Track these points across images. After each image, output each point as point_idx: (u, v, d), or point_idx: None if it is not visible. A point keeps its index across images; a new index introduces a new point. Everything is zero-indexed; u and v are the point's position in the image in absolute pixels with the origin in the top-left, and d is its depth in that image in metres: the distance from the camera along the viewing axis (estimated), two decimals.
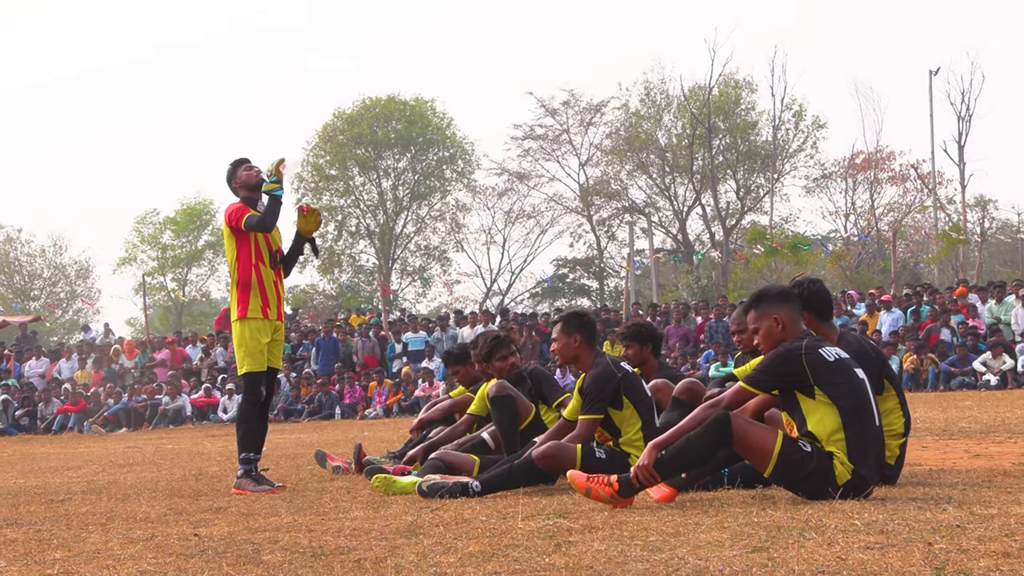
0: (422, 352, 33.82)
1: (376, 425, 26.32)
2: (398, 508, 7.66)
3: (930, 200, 55.39)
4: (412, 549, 5.66)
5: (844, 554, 4.89)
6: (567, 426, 8.85)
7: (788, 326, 7.27)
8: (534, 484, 8.61)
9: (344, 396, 32.55)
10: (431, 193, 66.05)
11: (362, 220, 65.88)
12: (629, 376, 8.72)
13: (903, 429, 8.07)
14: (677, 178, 62.10)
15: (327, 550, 5.75)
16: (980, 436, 12.77)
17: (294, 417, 32.22)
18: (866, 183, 60.68)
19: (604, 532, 5.93)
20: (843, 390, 6.98)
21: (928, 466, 9.41)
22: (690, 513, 6.55)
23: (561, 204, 64.69)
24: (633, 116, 61.86)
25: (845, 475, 6.84)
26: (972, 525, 5.56)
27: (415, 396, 30.78)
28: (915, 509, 6.24)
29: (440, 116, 66.13)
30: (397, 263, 66.35)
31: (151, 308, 61.03)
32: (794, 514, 6.19)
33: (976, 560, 4.67)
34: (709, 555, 5.04)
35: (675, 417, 8.25)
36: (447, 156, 65.99)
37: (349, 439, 18.17)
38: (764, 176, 61.09)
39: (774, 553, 5.01)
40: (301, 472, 11.98)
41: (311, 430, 25.51)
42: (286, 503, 8.51)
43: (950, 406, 19.76)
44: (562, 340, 8.93)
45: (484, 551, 5.47)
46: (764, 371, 7.16)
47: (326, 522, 7.00)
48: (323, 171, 64.69)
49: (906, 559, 4.74)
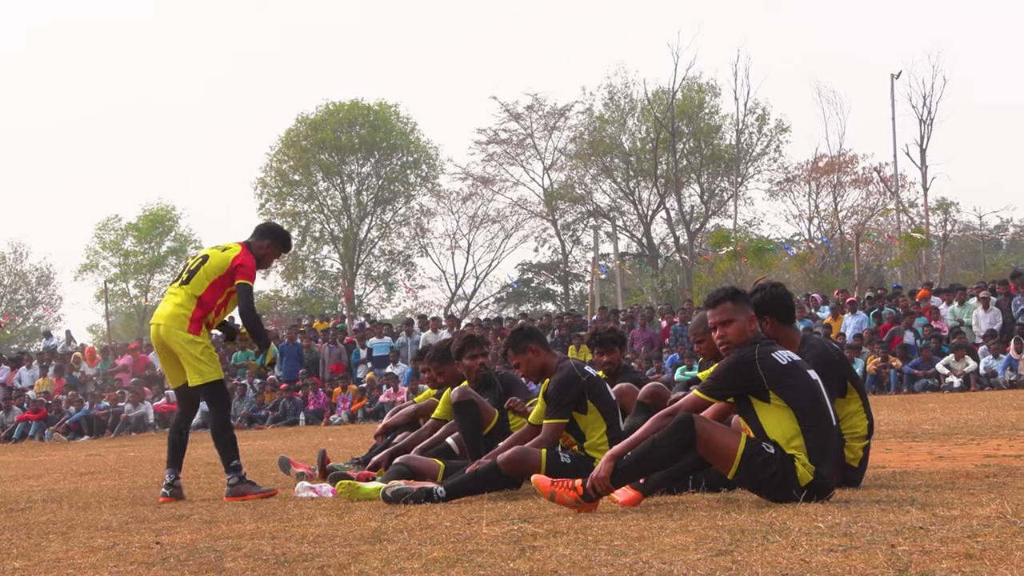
0: (387, 357, 33.75)
1: (340, 431, 26.26)
2: (362, 514, 7.64)
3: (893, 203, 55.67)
4: (376, 555, 5.64)
5: (808, 557, 4.91)
6: (532, 431, 8.85)
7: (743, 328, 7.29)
8: (499, 489, 8.60)
9: (308, 402, 32.44)
10: (395, 198, 65.96)
11: (326, 225, 65.75)
12: (593, 380, 8.74)
13: (867, 431, 8.09)
14: (641, 182, 62.23)
15: (290, 557, 5.73)
16: (943, 438, 12.83)
17: (258, 423, 32.08)
18: (829, 186, 60.91)
19: (569, 537, 5.93)
20: (797, 392, 7.00)
21: (891, 468, 9.45)
22: (655, 517, 6.55)
23: (526, 208, 64.75)
24: (597, 120, 61.94)
25: (807, 476, 6.86)
26: (935, 527, 5.58)
27: (380, 402, 30.70)
28: (878, 511, 6.26)
29: (404, 121, 66.07)
30: (361, 268, 66.22)
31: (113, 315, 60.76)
32: (758, 517, 6.21)
33: (939, 562, 4.69)
34: (674, 559, 5.04)
35: (639, 421, 8.25)
36: (411, 161, 65.92)
37: (313, 445, 18.12)
38: (728, 180, 61.27)
39: (738, 556, 5.02)
40: (265, 479, 11.93)
41: (275, 436, 25.42)
42: (249, 510, 8.48)
43: (913, 408, 19.85)
44: (520, 359, 8.96)
45: (448, 557, 5.47)
46: (718, 379, 7.17)
47: (290, 529, 6.98)
48: (287, 176, 64.55)
49: (869, 561, 4.76)
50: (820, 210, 61.50)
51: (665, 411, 7.31)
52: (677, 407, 7.25)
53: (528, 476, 7.84)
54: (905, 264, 51.42)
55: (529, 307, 66.66)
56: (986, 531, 5.42)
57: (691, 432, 6.86)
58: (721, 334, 7.30)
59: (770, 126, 60.72)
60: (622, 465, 7.00)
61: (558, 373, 8.73)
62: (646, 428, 7.15)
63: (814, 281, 50.16)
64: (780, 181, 61.61)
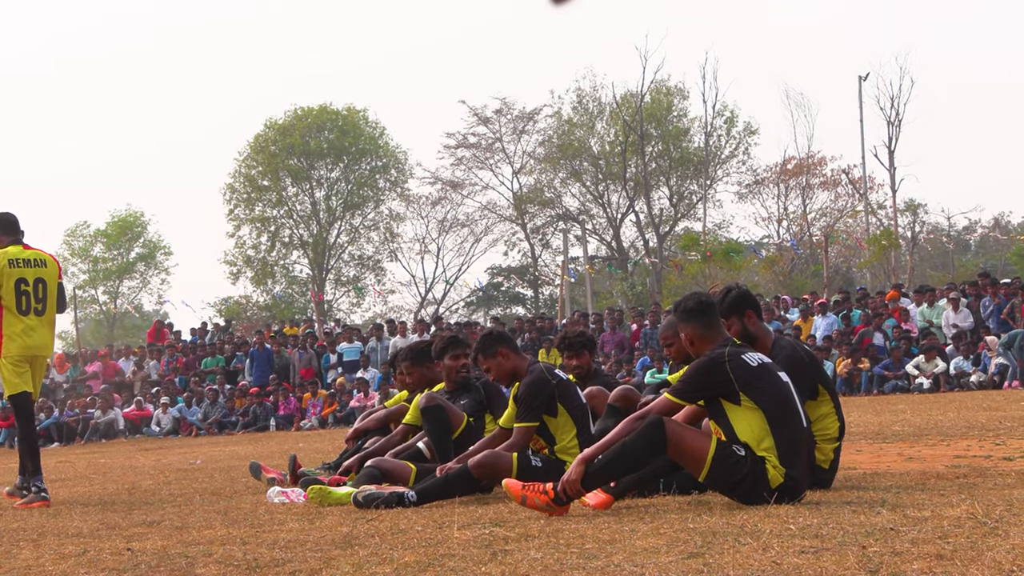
0: (357, 362, 33.69)
1: (311, 436, 26.19)
2: (333, 519, 7.63)
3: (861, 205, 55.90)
4: (347, 560, 5.63)
5: (779, 559, 4.92)
6: (502, 434, 8.85)
7: (707, 336, 7.31)
8: (470, 493, 8.60)
9: (279, 407, 32.37)
10: (364, 203, 65.91)
11: (295, 230, 65.65)
12: (563, 383, 8.74)
13: (837, 433, 8.12)
14: (611, 185, 62.33)
15: (262, 563, 5.71)
16: (913, 439, 12.88)
17: (228, 429, 32.02)
18: (798, 188, 61.14)
19: (540, 540, 5.93)
20: (768, 394, 7.02)
21: (862, 470, 9.49)
22: (626, 520, 6.56)
23: (495, 212, 64.77)
24: (566, 124, 62.02)
25: (778, 478, 6.88)
26: (905, 528, 5.60)
27: (350, 407, 30.65)
28: (849, 513, 6.28)
29: (373, 125, 66.04)
30: (331, 273, 66.13)
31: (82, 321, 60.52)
32: (729, 519, 6.22)
33: (909, 563, 4.70)
34: (645, 562, 5.05)
35: (610, 424, 8.26)
36: (380, 166, 65.90)
37: (284, 451, 18.07)
38: (697, 183, 61.45)
39: (710, 559, 5.03)
40: (236, 484, 11.90)
41: (246, 442, 25.34)
42: (220, 515, 8.45)
43: (884, 410, 19.92)
44: (491, 363, 8.96)
45: (420, 561, 5.46)
46: (688, 382, 7.18)
47: (261, 534, 6.96)
48: (255, 182, 64.42)
49: (840, 563, 4.77)
50: (789, 212, 61.77)
51: (636, 414, 7.32)
52: (648, 410, 7.26)
53: (499, 480, 7.84)
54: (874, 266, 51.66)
55: (499, 311, 66.68)
56: (957, 532, 5.44)
57: (662, 435, 6.87)
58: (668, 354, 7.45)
59: (738, 129, 60.99)
60: (593, 468, 7.00)
61: (528, 376, 8.73)
62: (617, 431, 7.16)
63: (783, 283, 50.35)
64: (749, 184, 61.86)
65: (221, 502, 9.79)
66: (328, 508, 8.53)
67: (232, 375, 35.53)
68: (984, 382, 25.85)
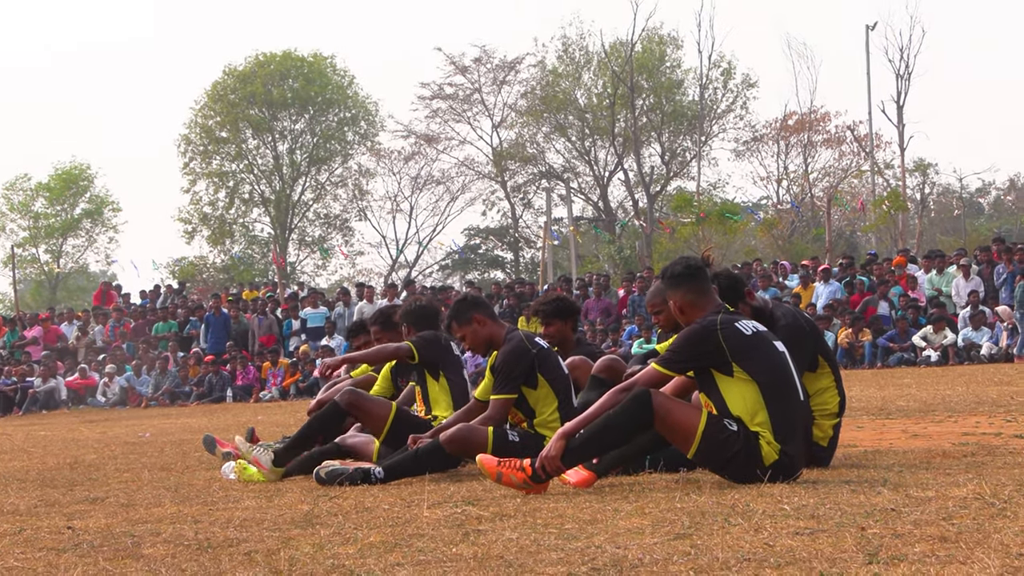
0: (321, 329, 33.66)
1: (271, 408, 26.20)
2: (293, 496, 7.64)
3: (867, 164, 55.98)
4: (308, 540, 5.64)
5: (772, 540, 4.94)
6: (478, 407, 8.85)
7: (697, 303, 7.31)
8: (442, 470, 8.62)
9: (236, 377, 32.36)
10: (331, 157, 65.76)
11: (256, 186, 65.50)
12: (544, 352, 8.74)
13: (837, 408, 8.15)
14: (598, 141, 62.32)
15: (215, 542, 5.72)
16: (919, 415, 12.93)
17: (181, 400, 32.02)
18: (799, 146, 61.22)
19: (516, 520, 5.94)
20: (763, 365, 7.03)
21: (863, 447, 9.52)
22: (609, 499, 6.57)
23: (473, 169, 64.75)
24: (550, 74, 61.91)
25: (772, 455, 6.90)
26: (908, 509, 5.63)
27: (313, 377, 30.63)
28: (848, 492, 6.31)
29: (341, 74, 65.82)
30: (294, 233, 66.03)
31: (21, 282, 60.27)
32: (719, 499, 6.24)
33: (911, 545, 4.72)
34: (628, 543, 5.06)
35: (594, 397, 8.27)
36: (348, 117, 65.72)
37: (241, 423, 18.06)
38: (691, 139, 61.48)
39: (698, 540, 5.04)
40: (188, 459, 11.90)
41: (200, 414, 25.34)
42: (171, 492, 8.44)
43: (887, 384, 20.00)
44: (465, 331, 8.97)
45: (386, 541, 5.47)
46: (678, 351, 7.19)
47: (214, 512, 6.96)
48: (213, 133, 64.20)
49: (837, 545, 4.79)
50: (789, 172, 61.87)
51: (621, 386, 7.32)
52: (634, 381, 7.27)
53: (473, 455, 7.85)
54: (880, 230, 51.75)
55: (476, 275, 66.67)
56: (962, 513, 5.47)
57: (648, 408, 6.88)
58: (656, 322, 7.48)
59: (736, 81, 60.98)
60: (574, 444, 7.02)
61: (506, 345, 8.73)
62: (600, 404, 7.16)
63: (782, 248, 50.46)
64: (747, 140, 61.95)
65: (171, 478, 9.79)
66: (287, 485, 8.54)
67: (186, 342, 35.48)
68: (996, 354, 25.96)
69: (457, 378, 9.58)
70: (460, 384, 9.59)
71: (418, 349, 9.48)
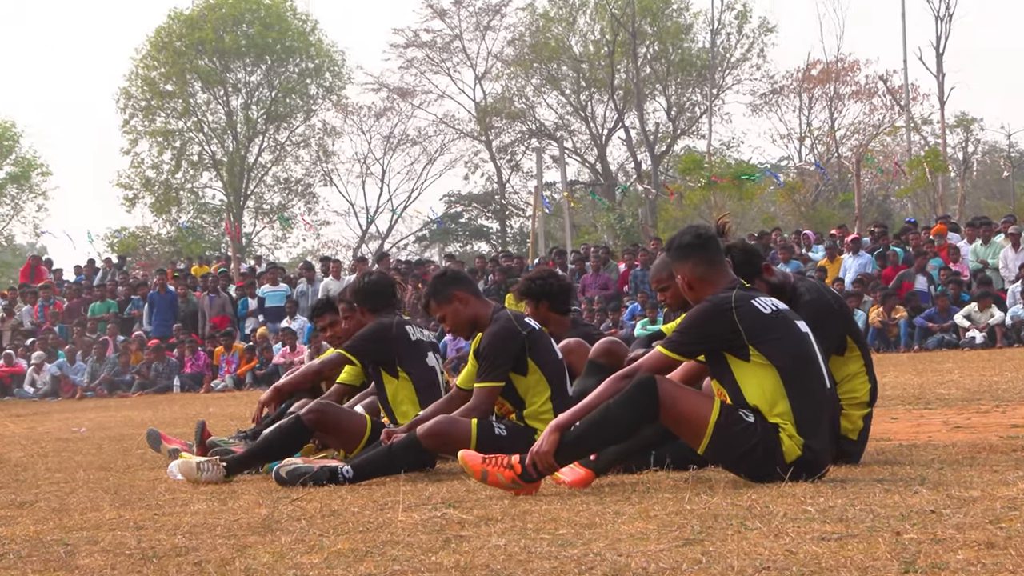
0: (282, 309, 33.67)
1: (224, 399, 26.20)
2: (250, 499, 7.63)
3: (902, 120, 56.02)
4: (267, 548, 5.64)
5: (794, 547, 4.94)
6: (460, 396, 8.85)
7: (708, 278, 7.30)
8: (419, 468, 8.63)
9: (185, 364, 32.37)
10: (292, 114, 65.74)
11: (206, 147, 65.47)
12: (535, 334, 8.73)
13: (868, 397, 8.15)
14: (595, 95, 62.34)
15: (160, 551, 5.71)
16: (962, 404, 12.95)
17: (121, 390, 32.00)
18: (824, 100, 61.23)
19: (504, 524, 5.94)
20: (783, 348, 7.01)
21: (898, 441, 9.54)
22: (609, 500, 6.58)
23: (453, 127, 64.75)
24: (541, 19, 61.93)
25: (795, 451, 6.90)
26: (949, 511, 5.63)
27: (273, 363, 30.67)
28: (881, 492, 6.31)
29: (302, 18, 65.77)
30: (250, 200, 66.00)
31: None
32: (734, 500, 6.24)
33: (953, 552, 4.72)
34: (631, 550, 5.06)
35: (591, 384, 8.25)
36: (311, 68, 65.64)
37: (191, 416, 18.07)
38: (700, 92, 61.45)
39: (709, 547, 5.04)
40: (130, 457, 11.90)
41: (143, 406, 25.33)
42: (110, 495, 8.44)
43: (926, 369, 20.03)
44: (445, 310, 8.95)
45: (356, 549, 5.47)
46: (687, 332, 7.17)
47: (160, 518, 6.96)
48: (156, 86, 64.07)
49: (869, 552, 4.79)
50: (813, 129, 61.86)
51: (622, 372, 7.31)
52: (637, 367, 7.25)
53: (455, 451, 7.85)
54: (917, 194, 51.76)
55: (458, 248, 66.76)
56: (1011, 516, 5.47)
57: (653, 397, 6.88)
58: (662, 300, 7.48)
59: (752, 26, 61.03)
60: (569, 438, 7.01)
61: (492, 326, 8.72)
62: (599, 393, 7.16)
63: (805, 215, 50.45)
64: (764, 93, 61.95)
65: (111, 479, 9.78)
66: (244, 486, 8.54)
67: (126, 324, 35.49)
68: None
69: (419, 368, 9.56)
70: (424, 374, 9.57)
71: (358, 356, 9.47)
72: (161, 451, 11.71)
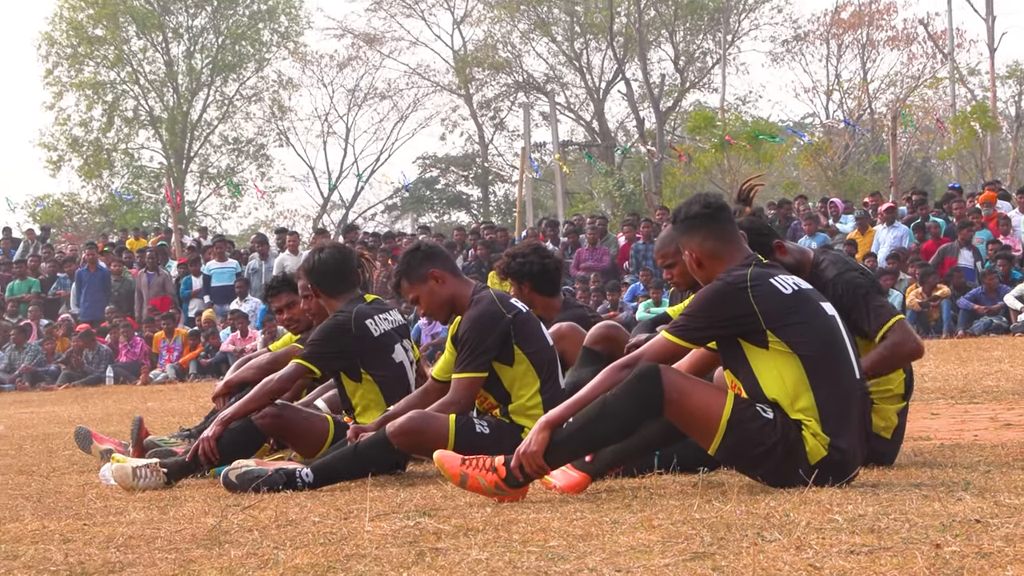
0: (231, 289, 33.66)
1: (165, 392, 26.21)
2: (194, 507, 7.65)
3: (945, 70, 56.03)
4: (213, 563, 5.65)
5: (819, 561, 4.96)
6: (436, 389, 8.86)
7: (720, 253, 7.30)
8: (389, 471, 8.65)
9: (119, 352, 32.36)
10: (241, 63, 65.60)
11: (143, 101, 65.34)
12: (522, 317, 8.73)
13: (903, 390, 8.19)
14: (591, 42, 62.25)
15: (90, 567, 5.72)
16: (1012, 398, 12.99)
17: (46, 382, 31.97)
18: (856, 47, 61.23)
19: (486, 535, 5.96)
20: (806, 333, 7.00)
21: (939, 440, 9.58)
22: (607, 508, 6.60)
23: (428, 79, 64.64)
24: None
25: (819, 451, 6.91)
26: (997, 520, 5.64)
27: (221, 351, 30.69)
28: (918, 499, 6.33)
29: None
30: (194, 163, 65.92)
31: None
32: (750, 507, 6.27)
33: (1001, 568, 4.73)
34: (631, 565, 5.08)
35: (586, 375, 8.29)
36: (264, 11, 65.59)
37: (126, 412, 18.08)
38: (713, 39, 61.43)
39: (722, 561, 5.06)
40: (56, 459, 11.91)
41: (70, 400, 25.33)
42: (32, 503, 8.46)
43: (972, 357, 20.07)
44: (419, 290, 8.93)
45: (316, 564, 5.48)
46: (696, 315, 7.17)
47: (91, 528, 6.96)
48: (84, 31, 63.89)
49: (905, 567, 4.81)
50: (843, 81, 61.86)
51: (622, 361, 7.32)
52: (638, 355, 7.26)
53: (430, 452, 7.87)
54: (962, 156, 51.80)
55: (433, 218, 66.74)
56: None
57: (658, 389, 6.89)
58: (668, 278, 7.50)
59: None
60: (561, 436, 7.02)
61: (473, 308, 8.73)
62: (595, 384, 7.17)
63: (833, 181, 50.50)
64: (786, 40, 61.93)
65: (33, 484, 9.81)
66: (189, 493, 8.55)
67: (51, 305, 35.45)
68: None
69: (385, 369, 9.50)
70: (392, 373, 9.54)
71: (317, 364, 9.38)
72: (92, 452, 11.72)
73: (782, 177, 54.41)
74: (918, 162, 57.13)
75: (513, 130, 65.21)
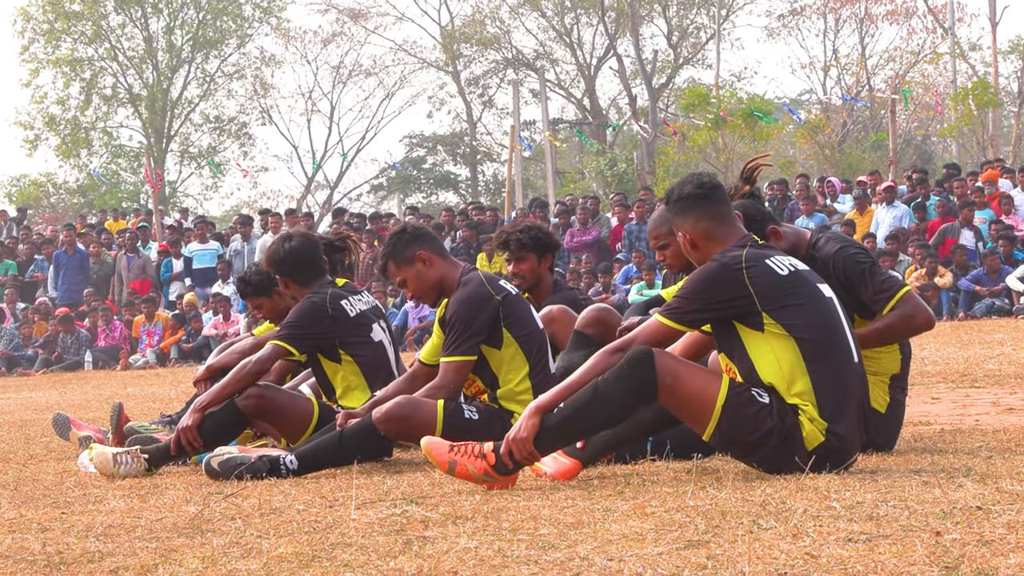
0: (213, 271, 33.63)
1: (146, 377, 26.20)
2: (176, 495, 7.64)
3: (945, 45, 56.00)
4: (195, 553, 5.64)
5: (816, 549, 4.96)
6: (424, 373, 8.86)
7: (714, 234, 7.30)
8: (375, 458, 8.64)
9: (98, 336, 32.32)
10: (223, 39, 65.48)
11: (122, 79, 65.20)
12: (512, 300, 8.73)
13: (899, 370, 8.18)
14: (582, 17, 62.19)
15: (69, 557, 5.71)
16: (1015, 382, 12.99)
17: (23, 367, 31.95)
18: (854, 21, 61.20)
19: (475, 524, 5.96)
20: (803, 315, 7.00)
21: (939, 425, 9.58)
22: (598, 495, 6.60)
23: (415, 56, 64.58)
24: None
25: (816, 436, 6.91)
26: (999, 507, 5.65)
27: (203, 335, 30.67)
28: (918, 485, 6.34)
29: None
30: (175, 142, 65.81)
31: None
32: (745, 494, 6.27)
33: (1003, 556, 4.73)
34: (624, 553, 5.08)
35: (578, 359, 8.29)
36: None
37: (105, 398, 18.06)
38: (707, 13, 61.38)
39: (716, 549, 5.06)
40: (33, 446, 11.90)
41: (48, 385, 25.31)
42: (9, 491, 8.45)
43: (973, 340, 20.07)
44: (406, 272, 8.92)
45: (301, 553, 5.48)
46: (690, 298, 7.16)
47: (69, 517, 6.96)
48: (61, 6, 63.74)
49: (904, 555, 4.80)
50: (840, 57, 61.79)
51: (614, 345, 7.31)
52: (631, 338, 7.26)
53: (417, 438, 7.86)
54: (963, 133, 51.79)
55: (420, 199, 66.67)
56: None
57: (650, 373, 6.88)
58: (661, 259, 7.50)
59: None
60: (552, 422, 7.02)
61: (461, 290, 8.72)
62: (587, 369, 7.16)
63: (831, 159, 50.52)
64: (782, 15, 61.89)
65: (10, 472, 9.81)
66: (170, 481, 8.55)
67: (28, 288, 35.41)
68: None
69: (364, 349, 9.51)
70: (372, 352, 9.55)
71: (294, 344, 9.36)
72: (70, 439, 11.70)
73: (778, 156, 54.33)
74: (918, 140, 57.12)
75: (502, 108, 65.27)
